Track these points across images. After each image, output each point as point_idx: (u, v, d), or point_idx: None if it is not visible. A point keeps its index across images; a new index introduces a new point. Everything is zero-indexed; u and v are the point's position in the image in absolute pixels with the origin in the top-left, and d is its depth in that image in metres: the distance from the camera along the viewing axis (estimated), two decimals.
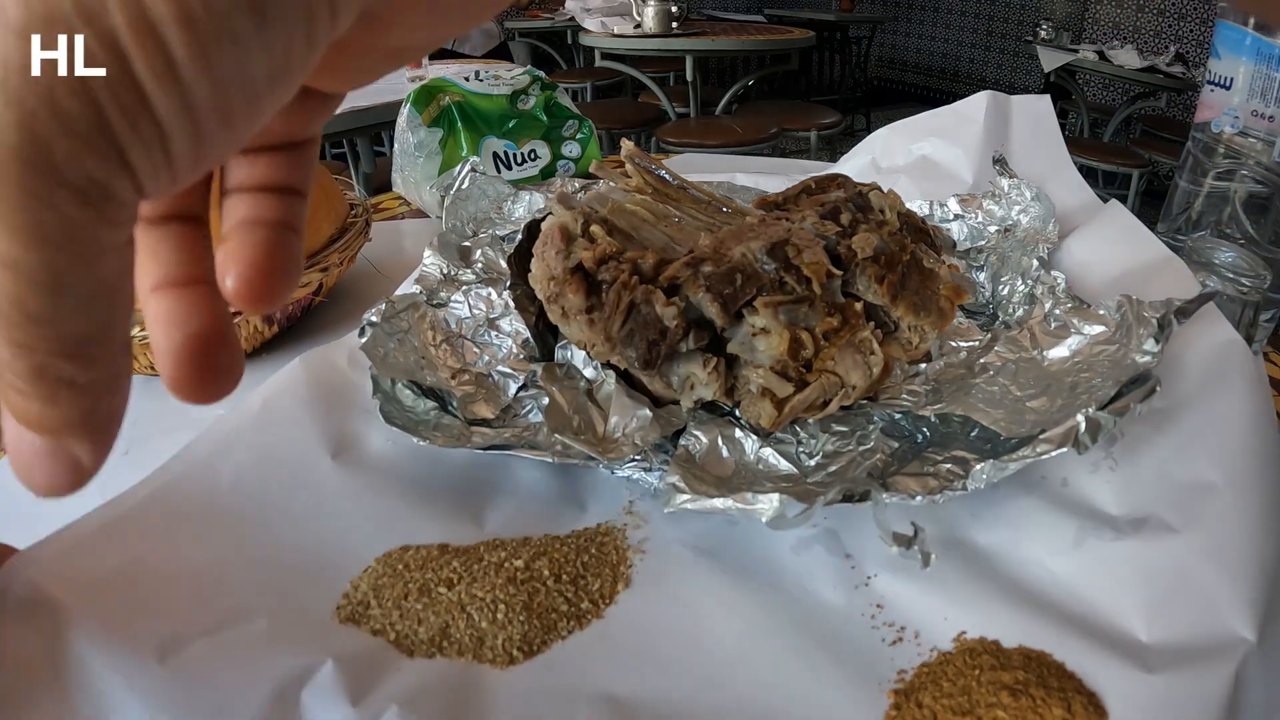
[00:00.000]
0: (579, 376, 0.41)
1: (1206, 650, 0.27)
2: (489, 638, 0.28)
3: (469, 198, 0.57)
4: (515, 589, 0.29)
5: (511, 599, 0.29)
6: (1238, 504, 0.31)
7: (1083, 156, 2.47)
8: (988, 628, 0.29)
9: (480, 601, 0.29)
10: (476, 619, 0.28)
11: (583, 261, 0.37)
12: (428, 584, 0.30)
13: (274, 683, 0.25)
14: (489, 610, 0.29)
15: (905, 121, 0.70)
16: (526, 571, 0.30)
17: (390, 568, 0.31)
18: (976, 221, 0.55)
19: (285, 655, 0.26)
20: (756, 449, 0.36)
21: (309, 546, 0.32)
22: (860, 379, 0.36)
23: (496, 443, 0.37)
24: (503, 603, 0.29)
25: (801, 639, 0.29)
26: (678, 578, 0.32)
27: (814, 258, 0.37)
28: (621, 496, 0.36)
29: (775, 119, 2.49)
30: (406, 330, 0.43)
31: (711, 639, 0.29)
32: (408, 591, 0.29)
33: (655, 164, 0.47)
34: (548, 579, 0.30)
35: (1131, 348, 0.36)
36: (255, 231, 0.19)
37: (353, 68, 0.18)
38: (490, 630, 0.28)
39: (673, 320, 0.35)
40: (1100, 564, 0.31)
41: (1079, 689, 0.26)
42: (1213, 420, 0.35)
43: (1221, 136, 0.53)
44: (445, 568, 0.30)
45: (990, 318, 0.48)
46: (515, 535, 0.34)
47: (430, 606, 0.29)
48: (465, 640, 0.28)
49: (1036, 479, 0.35)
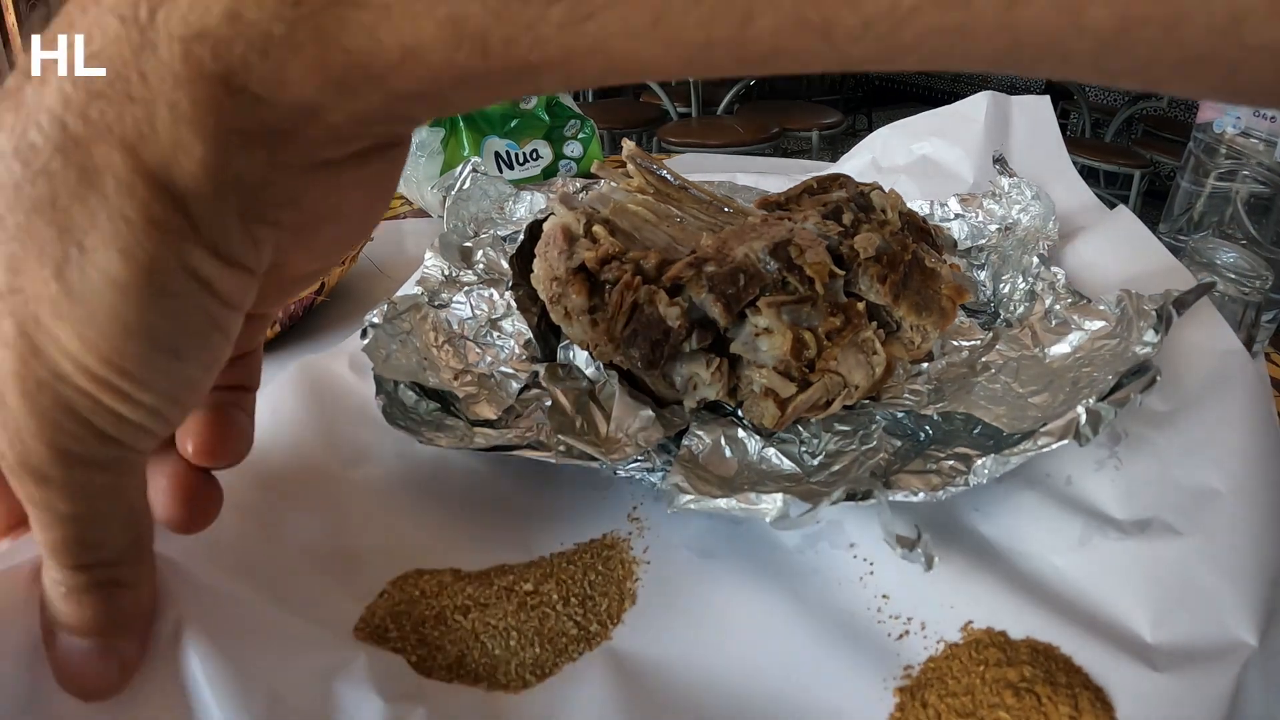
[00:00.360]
0: (581, 377, 0.41)
1: (1209, 653, 0.27)
2: (502, 664, 0.29)
3: (470, 198, 0.57)
4: (526, 615, 0.30)
5: (523, 625, 0.30)
6: (1240, 510, 0.32)
7: (1084, 157, 2.47)
8: (995, 618, 0.29)
9: (493, 629, 0.30)
10: (490, 647, 0.29)
11: (585, 262, 0.37)
12: (444, 611, 0.30)
13: (307, 670, 0.25)
14: (502, 638, 0.29)
15: (906, 121, 0.70)
16: (536, 596, 0.31)
17: (406, 594, 0.31)
18: (977, 220, 0.55)
19: (315, 651, 0.26)
20: (759, 449, 0.36)
21: (322, 567, 0.32)
22: (863, 379, 0.36)
23: (500, 443, 0.37)
24: (514, 629, 0.30)
25: (807, 641, 0.30)
26: (682, 589, 0.32)
27: (817, 258, 0.37)
28: (625, 502, 0.37)
29: (777, 119, 2.49)
30: (408, 331, 0.43)
31: (716, 650, 0.30)
32: (425, 619, 0.30)
33: (657, 164, 0.47)
34: (556, 603, 0.31)
35: (1132, 340, 0.36)
36: (209, 412, 0.25)
37: (268, 301, 0.22)
38: (504, 657, 0.29)
39: (676, 320, 0.35)
40: (1105, 563, 0.31)
41: (1086, 684, 0.26)
42: (1215, 427, 0.35)
43: (1223, 137, 0.53)
44: (460, 594, 0.31)
45: (991, 316, 0.48)
46: (521, 547, 0.34)
47: (447, 635, 0.29)
48: (480, 670, 0.29)
49: (1041, 476, 0.35)
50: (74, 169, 0.16)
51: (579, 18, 0.15)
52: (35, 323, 0.17)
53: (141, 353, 0.17)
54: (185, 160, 0.16)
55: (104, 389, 0.17)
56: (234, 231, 0.18)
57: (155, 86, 0.16)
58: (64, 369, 0.17)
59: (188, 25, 0.15)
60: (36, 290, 0.16)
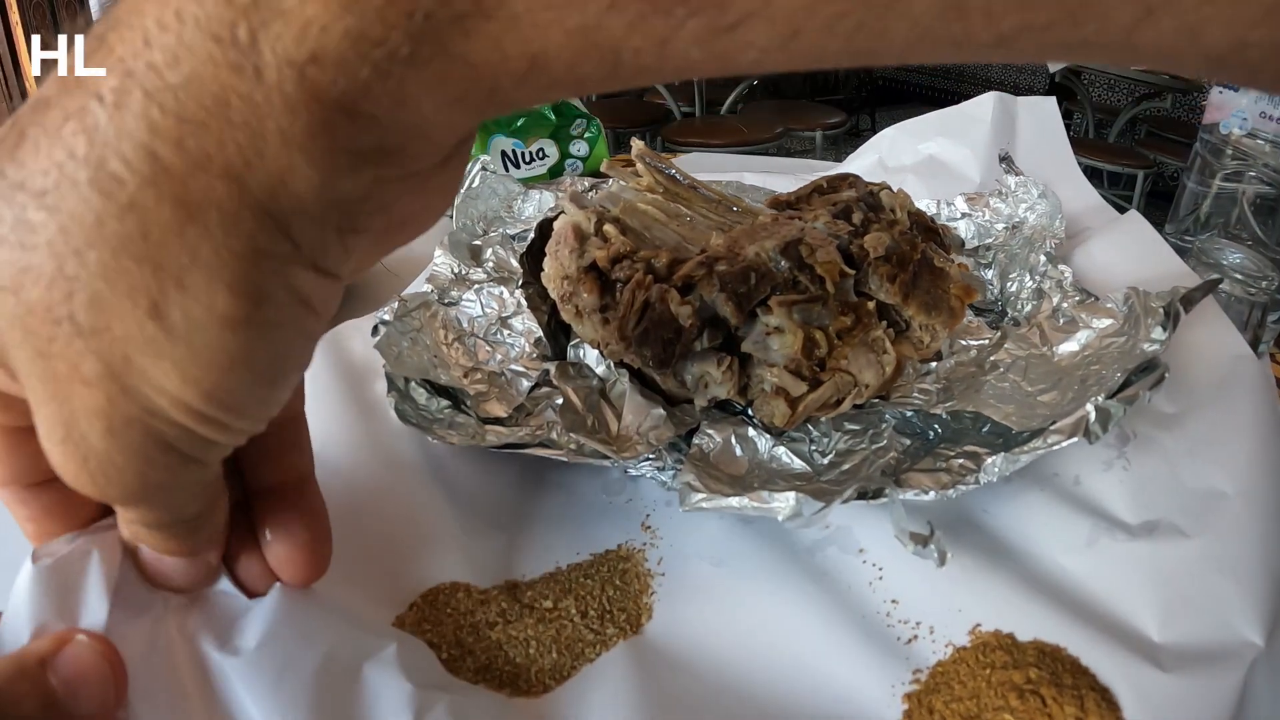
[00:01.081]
0: (592, 375, 0.41)
1: (1216, 654, 0.28)
2: (524, 671, 0.29)
3: (479, 196, 0.57)
4: (544, 627, 0.31)
5: (542, 635, 0.31)
6: (1247, 513, 0.32)
7: (1088, 157, 2.47)
8: (1002, 620, 0.30)
9: (515, 641, 0.30)
10: (512, 655, 0.30)
11: (596, 260, 0.38)
12: (476, 625, 0.31)
13: (336, 646, 0.25)
14: (523, 648, 0.30)
15: (912, 121, 0.70)
16: (554, 610, 0.32)
17: (438, 610, 0.31)
18: (984, 220, 0.55)
19: (350, 631, 0.26)
20: (769, 447, 0.37)
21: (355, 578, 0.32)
22: (873, 378, 0.36)
23: (511, 441, 0.37)
24: (534, 640, 0.30)
25: (818, 648, 0.30)
26: (696, 598, 0.32)
27: (827, 257, 0.37)
28: (638, 510, 0.37)
29: (780, 118, 2.49)
30: (419, 329, 0.43)
31: (729, 653, 0.30)
32: (460, 625, 0.31)
33: (665, 163, 0.47)
34: (574, 616, 0.31)
35: (1140, 338, 0.36)
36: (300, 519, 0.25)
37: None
38: (525, 664, 0.30)
39: (687, 319, 0.35)
40: (1113, 564, 0.31)
41: (1092, 685, 0.27)
42: (1223, 431, 0.35)
43: (1230, 138, 0.53)
44: (487, 611, 0.32)
45: (999, 315, 0.48)
46: (540, 561, 0.35)
47: (478, 642, 0.30)
48: (504, 676, 0.29)
49: (1049, 475, 0.35)
50: (168, 203, 0.15)
51: (717, 31, 0.15)
52: (125, 362, 0.16)
53: (244, 383, 0.17)
54: (294, 184, 0.16)
55: (201, 422, 0.17)
56: (332, 245, 0.17)
57: (262, 111, 0.15)
58: (157, 405, 0.17)
59: (301, 47, 0.15)
60: (127, 330, 0.16)
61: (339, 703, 0.23)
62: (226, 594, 0.24)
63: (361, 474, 0.37)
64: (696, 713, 0.28)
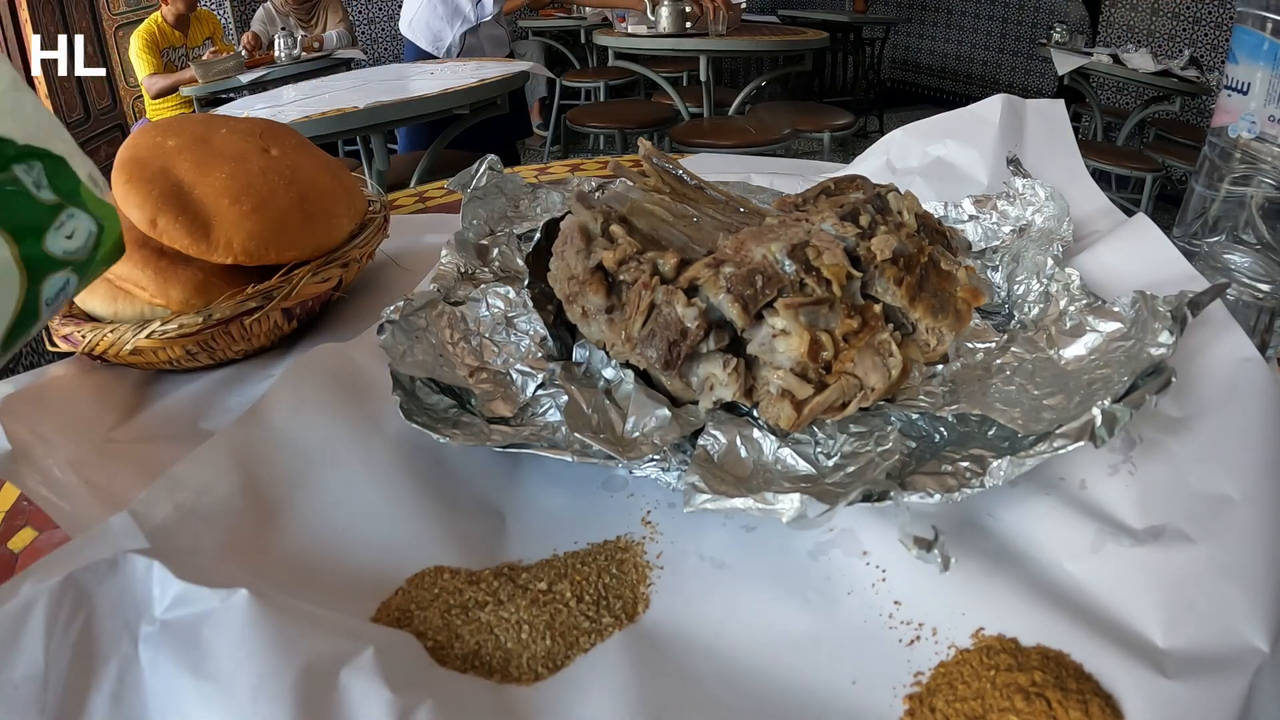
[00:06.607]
0: (597, 376, 0.41)
1: (1222, 659, 0.27)
2: (515, 657, 0.29)
3: (486, 196, 0.57)
4: (538, 610, 0.31)
5: (535, 619, 0.30)
6: (1254, 519, 0.32)
7: (1096, 160, 2.46)
8: (1006, 624, 0.29)
9: (506, 622, 0.30)
10: (503, 639, 0.29)
11: (603, 261, 0.38)
12: (465, 605, 0.31)
13: (311, 657, 0.25)
14: (514, 631, 0.30)
15: (920, 123, 0.70)
16: (549, 594, 0.31)
17: (426, 591, 0.31)
18: (991, 222, 0.55)
19: (324, 638, 0.26)
20: (775, 449, 0.37)
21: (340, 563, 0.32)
22: (879, 381, 0.36)
23: (516, 441, 0.37)
24: (527, 624, 0.30)
25: (818, 650, 0.30)
26: (696, 595, 0.32)
27: (834, 259, 0.37)
28: (638, 507, 0.37)
29: (788, 120, 2.48)
30: (424, 328, 0.43)
31: (728, 651, 0.30)
32: (449, 606, 0.30)
33: (672, 164, 0.47)
34: (570, 600, 0.31)
35: (1146, 342, 0.36)
36: None
37: None
38: (516, 650, 0.29)
39: (693, 321, 0.35)
40: (1118, 569, 0.31)
41: (1096, 691, 0.26)
42: (1230, 436, 0.35)
43: (1238, 141, 0.53)
44: (475, 591, 0.31)
45: (1006, 318, 0.48)
46: (536, 548, 0.34)
47: (466, 624, 0.30)
48: (494, 662, 0.29)
49: (1055, 479, 0.35)
50: None
51: None
52: None
53: None
54: None
55: None
56: None
57: None
58: None
59: None
60: None
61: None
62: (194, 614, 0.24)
63: (359, 464, 0.37)
64: (695, 709, 0.28)
